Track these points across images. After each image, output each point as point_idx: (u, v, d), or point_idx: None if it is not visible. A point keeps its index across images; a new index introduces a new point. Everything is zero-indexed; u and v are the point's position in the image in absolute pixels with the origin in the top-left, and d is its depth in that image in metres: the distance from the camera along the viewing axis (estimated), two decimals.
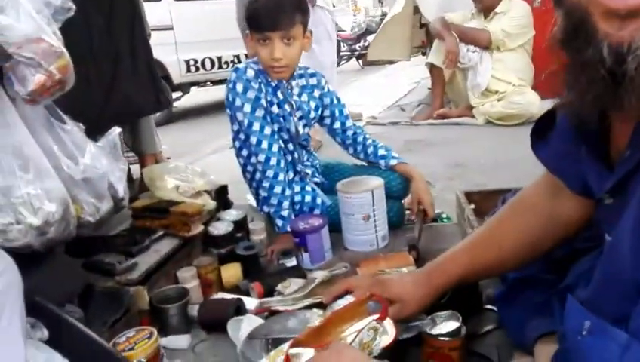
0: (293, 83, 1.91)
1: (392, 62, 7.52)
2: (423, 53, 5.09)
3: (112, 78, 2.00)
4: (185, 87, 5.97)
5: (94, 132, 1.65)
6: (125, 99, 2.04)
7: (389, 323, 0.89)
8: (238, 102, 1.80)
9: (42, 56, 1.32)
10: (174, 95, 5.88)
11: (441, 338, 1.02)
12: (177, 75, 5.67)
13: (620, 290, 0.58)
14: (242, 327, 1.17)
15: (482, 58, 3.70)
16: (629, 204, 0.62)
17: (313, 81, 1.98)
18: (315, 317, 1.08)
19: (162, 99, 2.18)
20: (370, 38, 9.87)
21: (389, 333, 0.88)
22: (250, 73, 1.81)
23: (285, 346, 0.84)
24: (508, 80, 3.65)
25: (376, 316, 0.88)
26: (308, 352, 0.80)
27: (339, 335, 0.91)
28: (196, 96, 6.77)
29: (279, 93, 1.86)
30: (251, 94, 1.79)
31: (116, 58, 2.02)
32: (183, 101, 6.35)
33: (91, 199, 1.50)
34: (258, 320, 1.19)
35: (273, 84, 1.85)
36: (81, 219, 1.47)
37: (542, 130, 0.91)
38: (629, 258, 0.61)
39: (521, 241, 0.96)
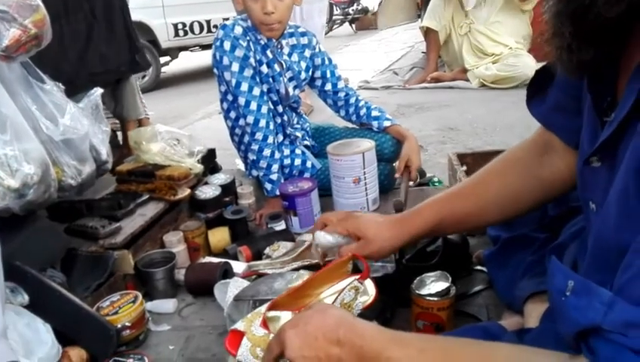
0: (284, 42, 1.84)
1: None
2: (418, 16, 4.98)
3: (86, 37, 1.93)
4: (173, 52, 5.83)
5: (71, 92, 1.59)
6: (101, 59, 1.98)
7: (369, 283, 0.86)
8: (225, 60, 1.73)
9: (16, 10, 1.26)
10: (162, 60, 5.76)
11: (430, 298, 1.01)
12: (165, 39, 5.53)
13: (611, 262, 0.56)
14: (229, 290, 1.15)
15: None
16: (617, 170, 0.59)
17: (304, 40, 1.91)
18: (303, 278, 1.06)
19: (140, 60, 2.10)
20: (363, 1, 9.67)
21: (369, 293, 0.85)
22: (239, 30, 1.74)
23: (263, 308, 0.82)
24: (505, 43, 3.58)
25: (357, 276, 0.85)
26: (286, 315, 0.78)
27: (317, 296, 0.89)
28: (185, 62, 6.62)
29: (269, 53, 1.80)
30: (239, 52, 1.72)
31: (91, 16, 1.94)
32: (171, 66, 6.22)
33: (72, 161, 1.46)
34: (245, 283, 1.16)
35: (262, 42, 1.78)
36: (62, 182, 1.42)
37: (539, 85, 0.87)
38: (614, 228, 0.58)
39: (502, 194, 0.93)
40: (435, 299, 1.01)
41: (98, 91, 1.64)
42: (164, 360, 1.16)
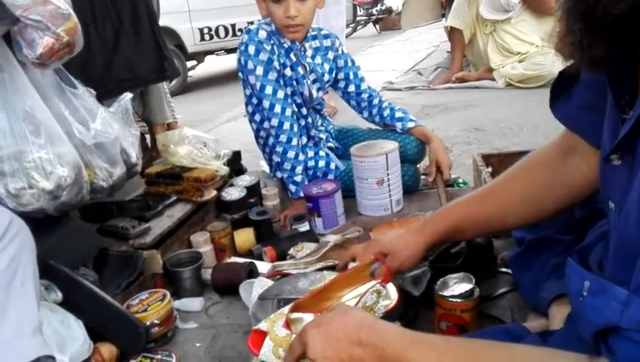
0: (307, 45, 1.86)
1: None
2: (443, 15, 4.94)
3: (113, 43, 1.97)
4: (199, 56, 5.91)
5: (99, 98, 1.63)
6: (128, 65, 2.01)
7: (391, 287, 0.87)
8: (250, 64, 1.76)
9: (50, 19, 1.30)
10: (189, 64, 5.85)
11: (454, 300, 1.01)
12: (191, 43, 5.61)
13: (634, 262, 0.55)
14: (254, 289, 1.17)
15: None
16: (637, 169, 0.58)
17: (327, 42, 1.92)
18: (325, 279, 1.07)
19: (168, 68, 2.13)
20: (387, 1, 9.62)
21: (391, 297, 0.86)
22: (263, 34, 1.77)
23: (286, 309, 0.83)
24: (531, 41, 3.51)
25: (379, 279, 0.86)
26: (308, 317, 0.79)
27: (339, 299, 0.90)
28: (211, 65, 6.71)
29: (292, 56, 1.82)
30: (264, 56, 1.75)
31: (118, 23, 1.98)
32: (197, 70, 6.31)
33: (104, 164, 1.50)
34: (269, 283, 1.18)
35: (286, 45, 1.81)
36: (94, 184, 1.47)
37: (561, 88, 0.86)
38: (635, 227, 0.57)
39: (523, 196, 0.92)
40: (459, 300, 1.01)
41: (128, 96, 1.69)
42: (191, 357, 1.19)
